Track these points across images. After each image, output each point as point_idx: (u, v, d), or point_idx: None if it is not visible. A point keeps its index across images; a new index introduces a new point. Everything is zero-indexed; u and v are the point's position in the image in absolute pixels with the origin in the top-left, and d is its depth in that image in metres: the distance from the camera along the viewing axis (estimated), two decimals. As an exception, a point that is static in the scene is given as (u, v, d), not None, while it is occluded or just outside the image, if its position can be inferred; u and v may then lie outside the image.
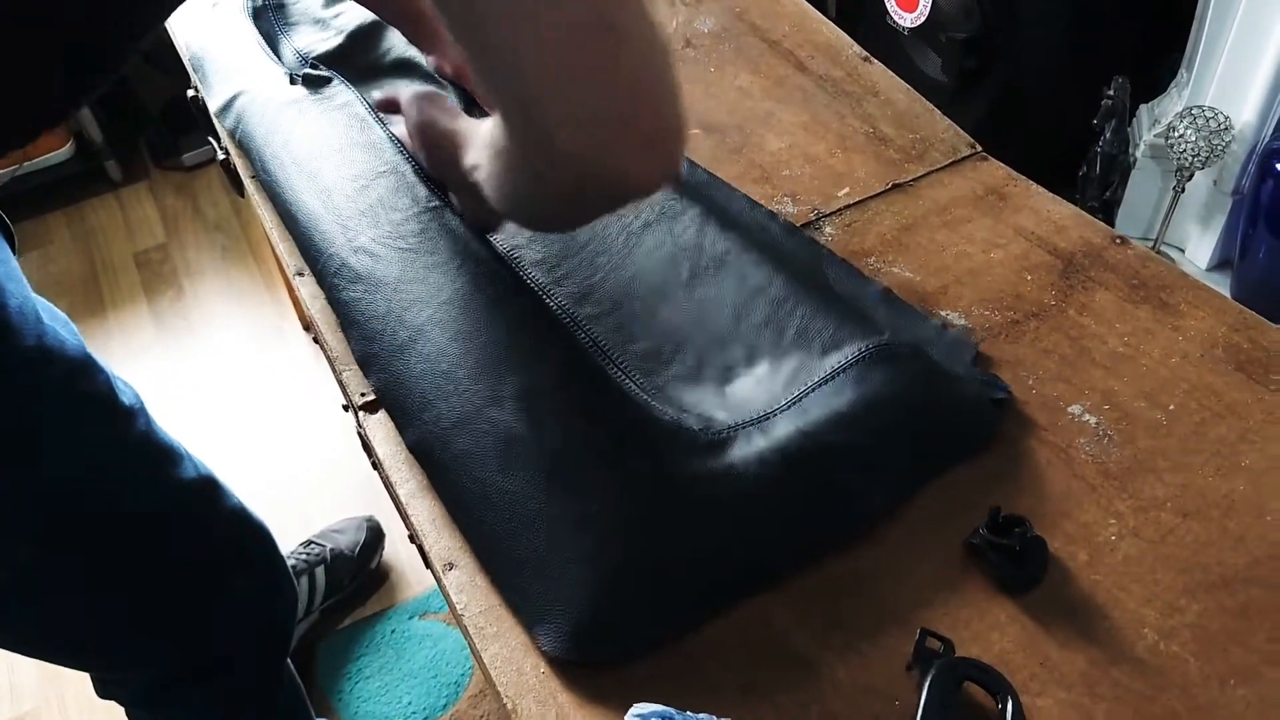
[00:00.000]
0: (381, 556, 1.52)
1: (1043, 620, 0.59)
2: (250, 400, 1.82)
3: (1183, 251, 1.73)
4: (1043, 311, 0.77)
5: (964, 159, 0.91)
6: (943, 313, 0.77)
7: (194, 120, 1.10)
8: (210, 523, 0.98)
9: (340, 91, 0.92)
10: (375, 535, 1.50)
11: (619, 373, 0.70)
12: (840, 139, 0.93)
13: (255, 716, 1.12)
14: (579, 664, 0.58)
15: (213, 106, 0.98)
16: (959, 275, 0.80)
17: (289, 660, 1.15)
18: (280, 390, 1.83)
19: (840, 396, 0.65)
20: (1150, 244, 1.71)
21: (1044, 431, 0.69)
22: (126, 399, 0.86)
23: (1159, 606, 0.59)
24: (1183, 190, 1.59)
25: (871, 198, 0.88)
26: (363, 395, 0.75)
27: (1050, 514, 0.64)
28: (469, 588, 0.63)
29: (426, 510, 0.67)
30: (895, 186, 0.88)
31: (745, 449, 0.63)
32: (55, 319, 0.80)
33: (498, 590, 0.62)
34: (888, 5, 1.78)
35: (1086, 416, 0.69)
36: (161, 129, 2.26)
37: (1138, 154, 1.70)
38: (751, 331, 0.71)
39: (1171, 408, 0.69)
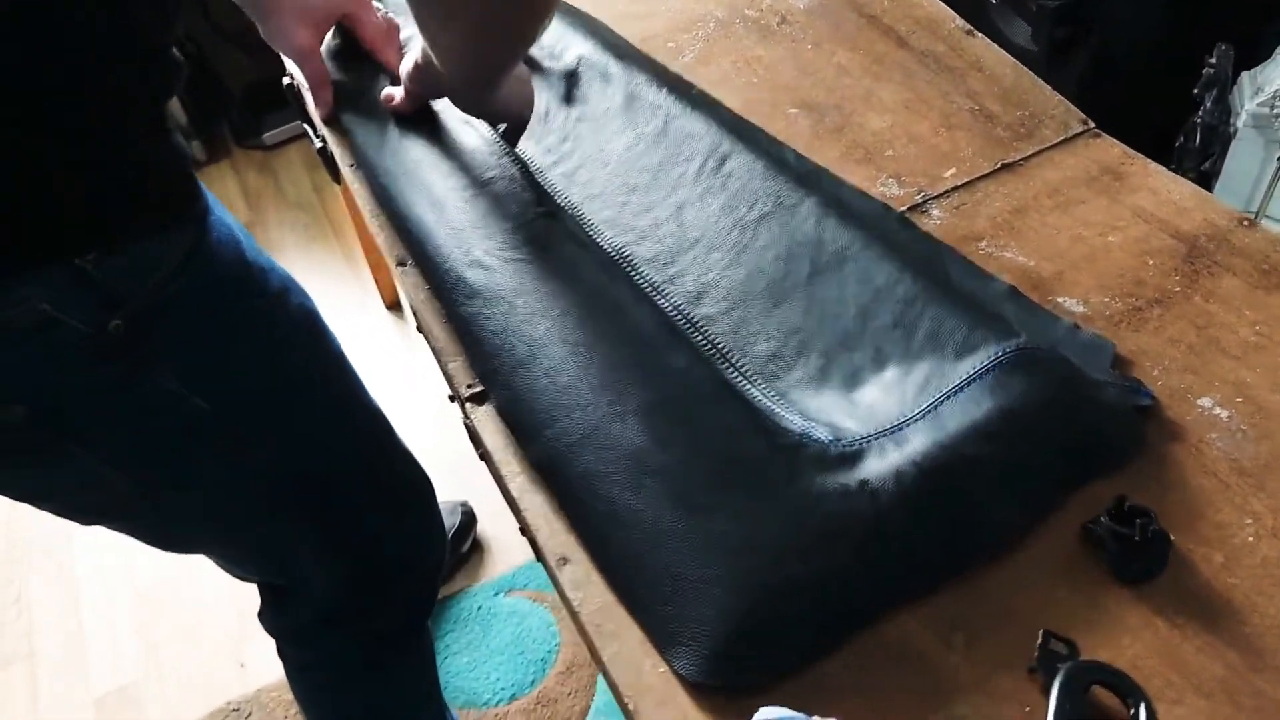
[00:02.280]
0: (474, 539, 1.53)
1: (1177, 624, 0.57)
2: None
3: (1287, 223, 1.66)
4: (1166, 298, 0.74)
5: (1076, 136, 0.88)
6: (1060, 300, 0.75)
7: (274, 101, 1.11)
8: (388, 456, 1.03)
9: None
10: (469, 519, 1.52)
11: (740, 377, 0.69)
12: (944, 117, 0.91)
13: (395, 667, 1.15)
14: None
15: (310, 100, 0.98)
16: (1075, 260, 0.77)
17: (428, 620, 1.19)
18: (363, 370, 1.85)
19: (978, 405, 0.62)
20: (1253, 216, 1.64)
21: (1173, 426, 0.66)
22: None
23: (1303, 612, 0.57)
24: (1289, 161, 1.53)
25: (980, 178, 0.85)
26: (469, 387, 0.75)
27: (1181, 513, 0.62)
28: (585, 584, 0.63)
29: (539, 504, 0.67)
30: (1004, 166, 0.86)
31: (879, 462, 0.61)
32: None
33: (629, 610, 0.61)
34: (976, -29, 1.73)
35: (1218, 410, 0.66)
36: (243, 109, 2.29)
37: (1238, 124, 1.63)
38: (879, 333, 0.69)
39: (1310, 401, 0.66)
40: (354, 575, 1.01)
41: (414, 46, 0.83)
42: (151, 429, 0.78)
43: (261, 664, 1.48)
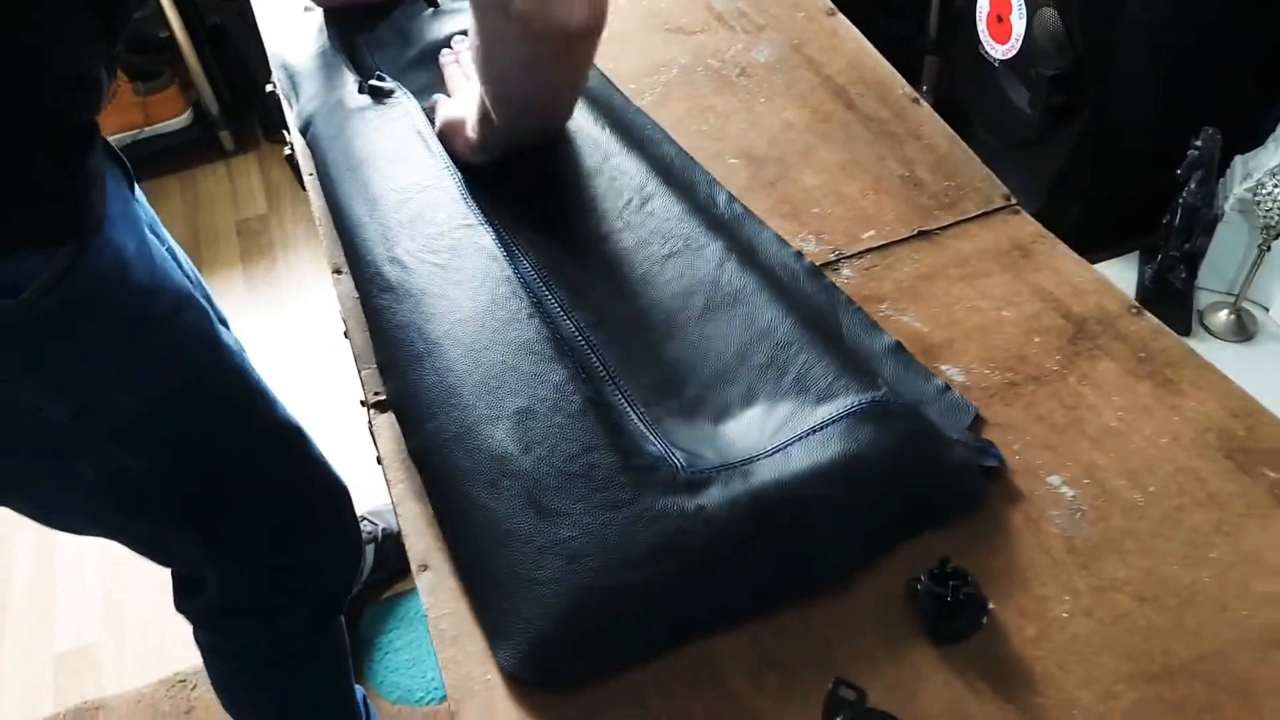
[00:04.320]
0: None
1: (975, 688, 0.60)
2: (324, 376, 1.90)
3: (1267, 310, 1.67)
4: (1043, 376, 0.76)
5: (995, 211, 0.90)
6: (943, 367, 0.78)
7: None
8: (294, 465, 1.07)
9: (401, 102, 0.96)
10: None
11: (621, 400, 0.72)
12: (875, 180, 0.94)
13: (301, 662, 1.19)
14: (531, 682, 0.61)
15: (288, 107, 1.04)
16: (967, 330, 0.80)
17: (341, 620, 1.23)
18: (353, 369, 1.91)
19: (825, 449, 0.66)
20: (1233, 300, 1.65)
21: (1019, 499, 0.69)
22: (228, 339, 0.96)
23: (1096, 690, 0.59)
24: (1268, 249, 1.54)
25: (895, 243, 0.88)
26: (375, 395, 0.80)
27: (1008, 583, 0.64)
28: (439, 590, 0.67)
29: (413, 513, 0.72)
30: (921, 233, 0.89)
31: (722, 492, 0.64)
32: (171, 255, 0.92)
33: (470, 603, 0.66)
34: (980, 36, 1.76)
35: (1064, 488, 0.69)
36: (273, 105, 2.36)
37: (1226, 206, 1.65)
38: (752, 373, 0.73)
39: (1151, 489, 0.68)
40: (250, 574, 1.05)
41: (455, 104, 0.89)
42: (13, 428, 0.82)
43: (214, 639, 1.53)
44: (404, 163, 0.90)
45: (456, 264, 0.81)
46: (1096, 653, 0.61)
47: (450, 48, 1.04)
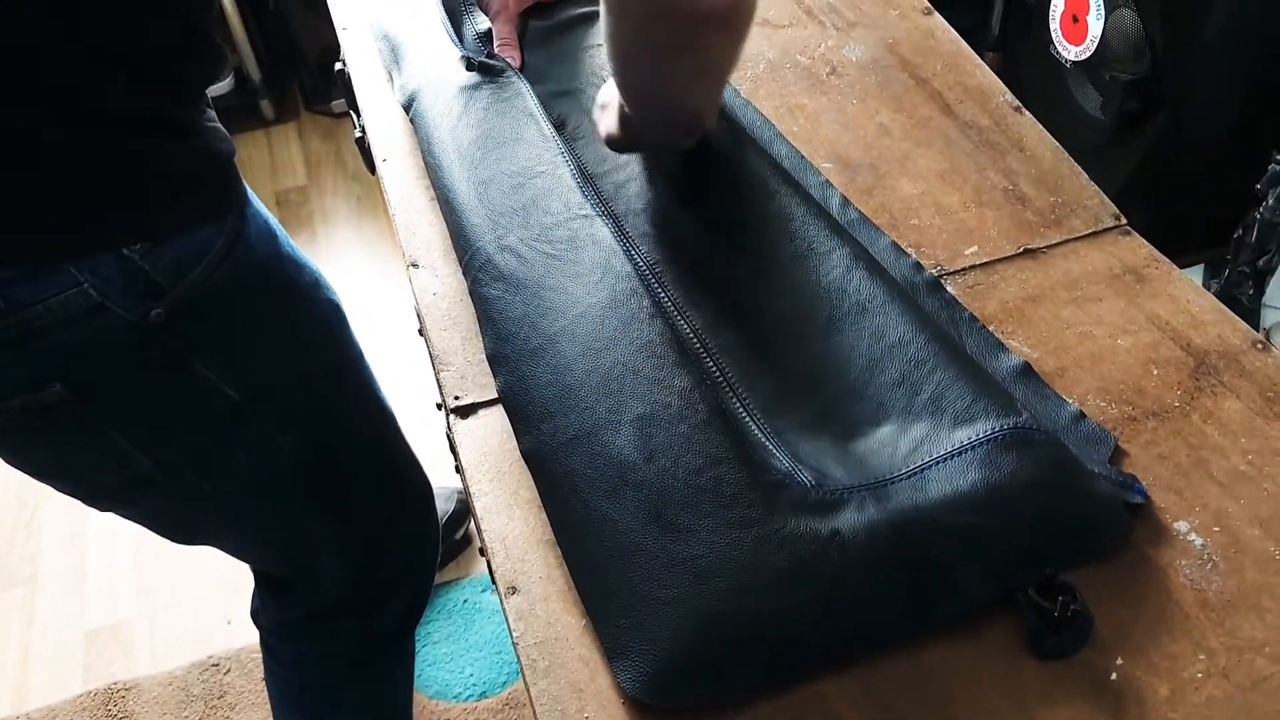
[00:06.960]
0: (466, 529, 1.55)
1: (1109, 753, 0.56)
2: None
3: (1337, 332, 1.62)
4: (1164, 412, 0.72)
5: (1105, 230, 0.86)
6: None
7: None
8: (396, 449, 1.05)
9: (513, 83, 0.92)
10: (464, 507, 1.53)
11: (740, 408, 0.69)
12: (977, 192, 0.90)
13: (380, 673, 1.16)
14: (650, 707, 0.58)
15: (396, 81, 0.99)
16: (1079, 358, 0.76)
17: None
18: (392, 349, 1.87)
19: (965, 476, 0.62)
20: (1265, 340, 1.60)
21: (1144, 545, 0.65)
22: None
23: (1238, 760, 0.56)
24: (1346, 269, 1.49)
25: (999, 260, 0.84)
26: (456, 399, 0.76)
27: (1136, 637, 0.61)
28: (528, 616, 0.63)
29: (499, 529, 0.68)
30: (1026, 251, 0.84)
31: (856, 515, 0.61)
32: None
33: (586, 615, 0.63)
34: (1053, 35, 1.71)
35: (1193, 536, 0.65)
36: (315, 74, 2.32)
37: (1304, 223, 1.59)
38: (883, 389, 0.69)
39: (1288, 542, 0.64)
40: (360, 569, 1.03)
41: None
42: (182, 413, 0.80)
43: (247, 623, 1.50)
44: (517, 145, 0.86)
45: (573, 256, 0.77)
46: (1234, 718, 0.57)
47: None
